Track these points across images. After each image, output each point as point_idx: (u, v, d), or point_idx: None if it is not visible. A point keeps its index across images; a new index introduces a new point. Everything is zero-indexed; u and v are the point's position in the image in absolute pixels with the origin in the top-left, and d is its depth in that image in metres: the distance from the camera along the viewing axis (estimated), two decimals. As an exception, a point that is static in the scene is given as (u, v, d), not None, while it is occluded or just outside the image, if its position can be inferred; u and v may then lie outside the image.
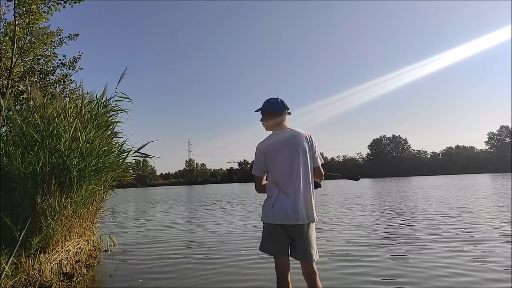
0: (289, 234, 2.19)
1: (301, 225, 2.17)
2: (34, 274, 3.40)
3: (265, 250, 2.27)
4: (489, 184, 22.87)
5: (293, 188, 2.19)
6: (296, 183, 2.20)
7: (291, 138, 2.29)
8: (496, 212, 8.18)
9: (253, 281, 3.69)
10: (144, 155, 5.35)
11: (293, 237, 2.20)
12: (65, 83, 8.72)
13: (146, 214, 12.86)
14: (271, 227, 2.22)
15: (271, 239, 2.23)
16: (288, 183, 2.20)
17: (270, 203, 2.23)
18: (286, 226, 2.16)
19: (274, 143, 2.30)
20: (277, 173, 2.24)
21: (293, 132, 2.33)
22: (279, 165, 2.24)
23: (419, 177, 62.36)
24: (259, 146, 2.35)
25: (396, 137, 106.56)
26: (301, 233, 2.18)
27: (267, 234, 2.26)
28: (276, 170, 2.25)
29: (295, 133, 2.31)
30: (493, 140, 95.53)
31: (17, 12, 6.17)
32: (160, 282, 3.80)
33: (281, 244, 2.20)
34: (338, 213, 9.57)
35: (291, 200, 2.17)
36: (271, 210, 2.21)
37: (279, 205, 2.18)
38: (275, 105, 2.36)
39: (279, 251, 2.21)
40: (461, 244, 4.96)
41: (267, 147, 2.31)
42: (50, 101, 5.04)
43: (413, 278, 3.47)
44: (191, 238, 6.69)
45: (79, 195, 4.29)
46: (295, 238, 2.20)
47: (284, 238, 2.20)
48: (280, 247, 2.21)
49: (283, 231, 2.18)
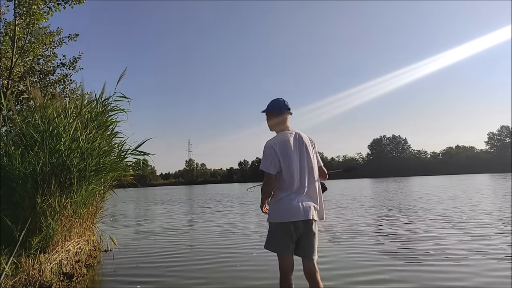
0: (298, 231, 2.20)
1: (311, 221, 2.22)
2: (34, 274, 3.40)
3: (273, 248, 2.27)
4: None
5: (305, 186, 2.26)
6: (307, 181, 2.28)
7: (300, 139, 2.36)
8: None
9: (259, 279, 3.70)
10: (142, 153, 5.35)
11: (300, 234, 2.22)
12: (65, 83, 8.74)
13: (146, 214, 12.87)
14: (282, 225, 2.21)
15: (280, 237, 2.23)
16: (300, 181, 2.26)
17: (280, 202, 2.24)
18: (297, 223, 2.18)
19: (283, 143, 2.31)
20: (287, 172, 2.26)
21: (298, 133, 2.41)
22: (289, 164, 2.26)
23: (419, 177, 62.34)
24: (270, 144, 2.32)
25: (396, 137, 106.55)
26: (309, 230, 2.22)
27: (277, 232, 2.25)
28: (286, 169, 2.26)
29: (301, 135, 2.40)
30: (493, 140, 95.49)
31: (17, 12, 6.18)
32: (160, 282, 3.80)
33: (289, 242, 2.22)
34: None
35: (300, 197, 2.23)
36: (282, 209, 2.22)
37: (290, 203, 2.21)
38: (277, 106, 2.44)
39: (287, 249, 2.22)
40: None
41: (278, 146, 2.29)
42: (50, 101, 5.04)
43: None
44: (191, 238, 6.69)
45: (79, 195, 4.30)
46: (302, 235, 2.22)
47: (293, 235, 2.21)
48: (288, 245, 2.21)
49: (294, 228, 2.19)
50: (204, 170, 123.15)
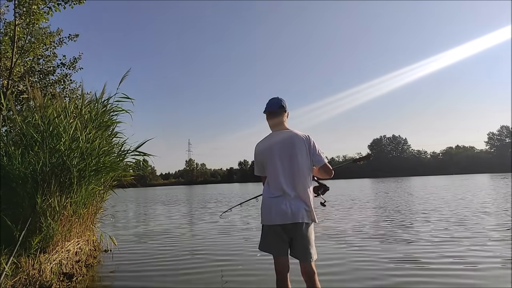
0: (288, 234, 2.20)
1: (300, 224, 2.18)
2: (34, 274, 3.40)
3: (265, 249, 2.28)
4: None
5: (289, 188, 2.22)
6: (292, 183, 2.23)
7: (288, 140, 2.31)
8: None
9: (256, 281, 3.69)
10: (142, 153, 5.35)
11: (292, 237, 2.21)
12: (65, 83, 8.74)
13: (146, 214, 12.85)
14: (270, 227, 2.23)
15: (271, 239, 2.24)
16: (283, 183, 2.22)
17: (268, 205, 2.25)
18: (286, 226, 2.18)
19: (271, 145, 2.33)
20: (273, 174, 2.27)
21: (290, 133, 2.35)
22: (274, 166, 2.27)
23: (419, 177, 62.29)
24: (257, 148, 2.41)
25: (396, 137, 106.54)
26: (300, 232, 2.19)
27: (267, 234, 2.27)
28: (272, 171, 2.28)
29: (292, 135, 2.33)
30: (493, 140, 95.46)
31: (17, 12, 6.18)
32: (160, 282, 3.80)
33: (280, 244, 2.22)
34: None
35: (288, 200, 2.20)
36: (269, 212, 2.22)
37: (277, 205, 2.20)
38: (273, 105, 2.42)
39: (279, 250, 2.22)
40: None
41: (263, 149, 2.36)
42: (50, 101, 5.04)
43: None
44: (192, 238, 6.69)
45: (79, 195, 4.29)
46: (294, 238, 2.21)
47: (284, 237, 2.21)
48: (280, 247, 2.22)
49: (283, 230, 2.19)
50: (204, 170, 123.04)
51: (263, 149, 2.36)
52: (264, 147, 2.36)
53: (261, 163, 2.38)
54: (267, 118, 2.46)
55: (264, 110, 2.48)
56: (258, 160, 2.40)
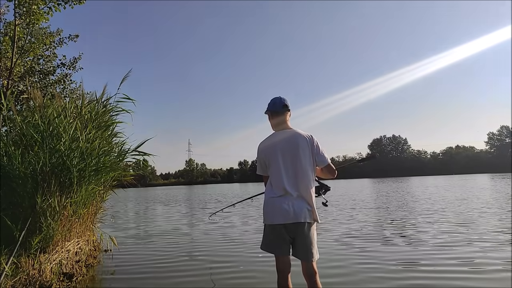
0: (290, 233, 2.20)
1: (302, 224, 2.18)
2: (34, 274, 3.39)
3: (267, 249, 2.28)
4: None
5: (292, 188, 2.21)
6: (295, 183, 2.22)
7: (290, 139, 2.30)
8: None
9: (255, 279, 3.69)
10: (142, 153, 5.34)
11: (294, 236, 2.21)
12: (65, 83, 8.73)
13: (146, 214, 12.85)
14: (272, 227, 2.23)
15: (272, 238, 2.24)
16: (286, 183, 2.22)
17: (270, 204, 2.25)
18: (288, 225, 2.18)
19: (274, 144, 2.32)
20: (275, 173, 2.27)
21: (293, 132, 2.34)
22: (276, 166, 2.27)
23: (420, 177, 62.27)
24: (259, 147, 2.41)
25: (396, 137, 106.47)
26: (302, 232, 2.19)
27: (269, 234, 2.27)
28: (274, 171, 2.28)
29: (295, 134, 2.32)
30: (493, 140, 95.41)
31: (17, 12, 6.17)
32: (160, 282, 3.80)
33: (282, 243, 2.21)
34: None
35: (291, 199, 2.19)
36: (272, 211, 2.22)
37: (279, 205, 2.19)
38: (276, 105, 2.41)
39: (281, 249, 2.22)
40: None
41: (266, 148, 2.36)
42: (50, 101, 5.04)
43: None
44: (192, 239, 6.69)
45: (79, 195, 4.29)
46: (296, 237, 2.21)
47: (286, 237, 2.20)
48: (281, 246, 2.22)
49: (285, 230, 2.19)
50: (204, 170, 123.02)
51: (266, 148, 2.35)
52: (267, 146, 2.35)
53: (263, 162, 2.37)
54: (269, 117, 2.45)
55: (266, 110, 2.46)
56: (260, 159, 2.39)
